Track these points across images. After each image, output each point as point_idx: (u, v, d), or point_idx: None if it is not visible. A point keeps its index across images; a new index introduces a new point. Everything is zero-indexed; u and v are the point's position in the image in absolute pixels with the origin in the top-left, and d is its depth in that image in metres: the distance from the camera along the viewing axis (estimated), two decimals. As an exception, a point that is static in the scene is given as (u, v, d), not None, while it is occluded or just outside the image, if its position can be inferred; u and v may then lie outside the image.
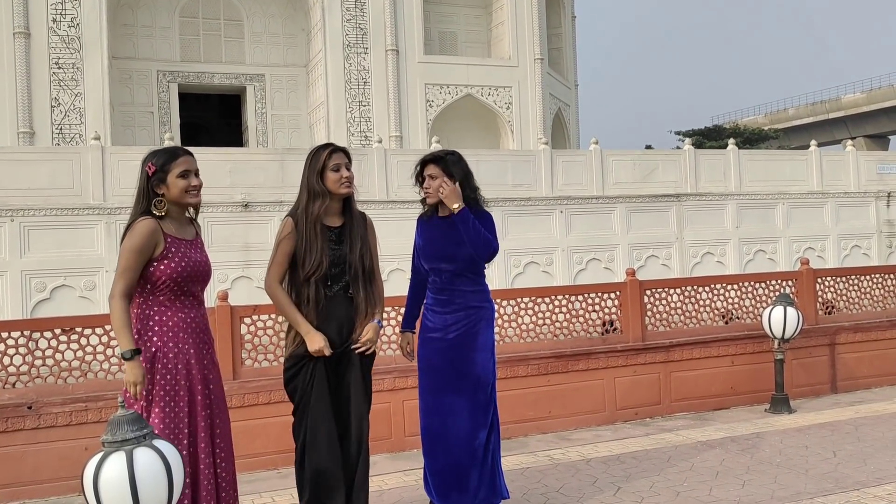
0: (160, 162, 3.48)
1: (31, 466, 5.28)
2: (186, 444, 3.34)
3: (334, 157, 3.91)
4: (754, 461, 5.37)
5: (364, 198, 11.92)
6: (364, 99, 18.44)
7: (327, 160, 3.89)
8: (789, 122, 56.20)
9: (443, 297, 4.15)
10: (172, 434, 3.30)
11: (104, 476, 2.56)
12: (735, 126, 49.97)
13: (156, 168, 3.47)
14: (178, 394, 3.35)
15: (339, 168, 3.89)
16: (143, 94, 18.72)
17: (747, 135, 44.26)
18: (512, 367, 6.47)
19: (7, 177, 10.78)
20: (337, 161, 3.90)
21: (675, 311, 7.26)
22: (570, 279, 13.33)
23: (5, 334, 5.44)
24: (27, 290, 10.56)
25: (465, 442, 4.07)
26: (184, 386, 3.37)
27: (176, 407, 3.34)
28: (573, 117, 23.77)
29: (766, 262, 14.92)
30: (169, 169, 3.48)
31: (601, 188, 14.11)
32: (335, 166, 3.89)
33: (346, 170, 3.92)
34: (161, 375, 3.32)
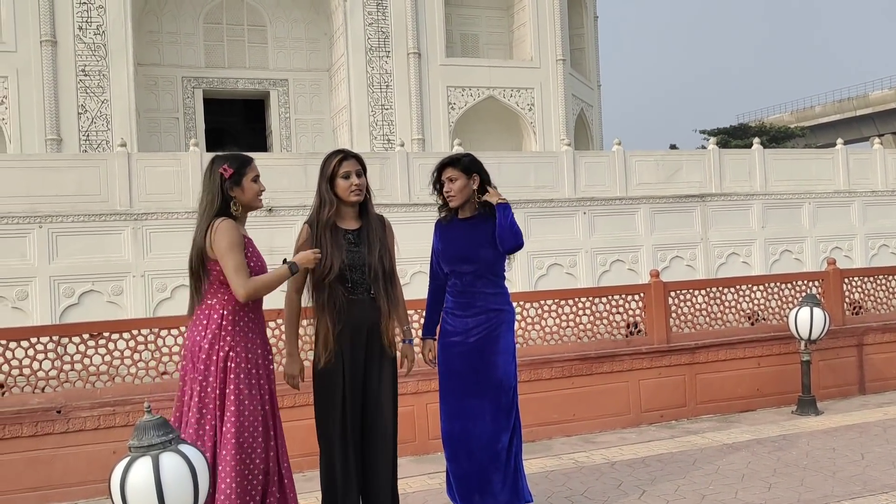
0: (236, 165, 3.57)
1: (61, 470, 5.36)
2: (262, 442, 3.45)
3: (345, 164, 3.91)
4: (781, 464, 5.32)
5: (386, 201, 12.03)
6: (386, 102, 18.50)
7: (337, 167, 3.90)
8: (816, 120, 55.52)
9: (463, 299, 4.15)
10: (248, 433, 3.42)
11: (131, 480, 2.60)
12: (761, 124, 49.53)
13: (232, 171, 3.54)
14: (253, 395, 3.46)
15: (349, 175, 3.90)
16: (168, 101, 18.92)
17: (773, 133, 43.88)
18: (535, 369, 6.46)
19: (35, 184, 10.94)
20: (347, 168, 3.90)
21: (700, 312, 7.21)
22: (594, 281, 13.27)
23: (35, 339, 5.53)
24: (56, 295, 10.71)
25: (488, 445, 4.08)
26: (254, 385, 3.48)
27: (251, 407, 3.45)
28: (596, 118, 23.68)
29: (793, 262, 14.76)
30: (244, 172, 3.59)
31: (624, 189, 14.04)
32: (345, 174, 3.90)
33: (357, 177, 3.91)
34: (235, 375, 3.42)
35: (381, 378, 3.96)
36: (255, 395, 3.49)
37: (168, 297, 11.09)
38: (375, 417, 3.94)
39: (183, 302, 11.36)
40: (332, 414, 3.87)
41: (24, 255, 10.70)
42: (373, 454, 3.94)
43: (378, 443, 3.94)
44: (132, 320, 6.67)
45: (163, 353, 5.73)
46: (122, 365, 5.66)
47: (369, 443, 3.94)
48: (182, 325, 5.80)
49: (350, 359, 3.87)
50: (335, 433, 3.86)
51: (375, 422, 3.94)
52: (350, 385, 3.87)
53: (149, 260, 11.11)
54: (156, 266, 11.08)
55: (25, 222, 10.71)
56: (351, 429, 3.87)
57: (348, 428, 3.87)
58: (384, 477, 3.97)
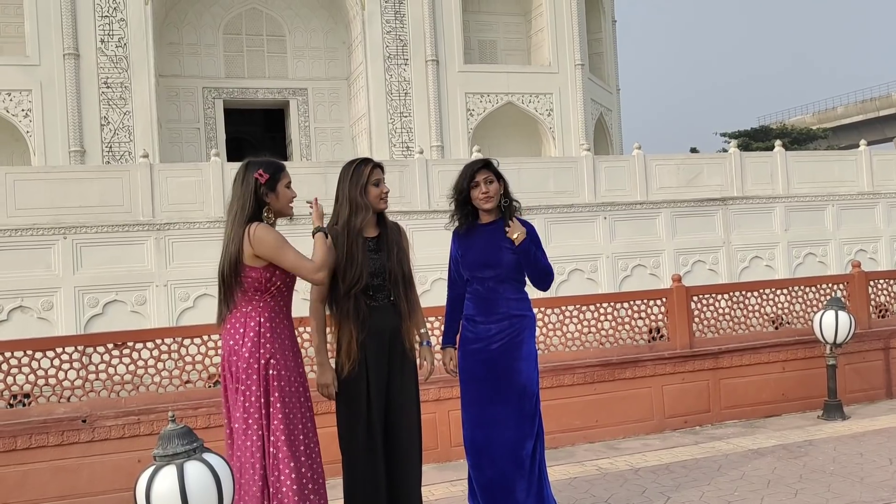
0: (271, 170, 3.56)
1: (86, 478, 5.40)
2: (304, 449, 3.46)
3: (375, 172, 3.95)
4: (807, 469, 5.26)
5: (406, 208, 12.05)
6: (405, 110, 18.55)
7: (371, 175, 3.93)
8: (838, 121, 55.01)
9: (485, 305, 4.13)
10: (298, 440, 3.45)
11: (156, 489, 2.62)
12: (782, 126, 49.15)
13: (268, 176, 3.53)
14: (297, 401, 3.49)
15: (379, 183, 3.94)
16: (189, 111, 19.09)
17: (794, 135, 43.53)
18: (558, 375, 6.43)
19: (60, 195, 11.07)
20: (377, 177, 3.95)
21: (724, 317, 7.16)
22: (616, 286, 13.21)
23: (60, 349, 5.59)
24: (80, 305, 10.82)
25: (512, 453, 4.06)
26: (295, 392, 3.50)
27: (298, 413, 3.48)
28: (615, 122, 23.60)
29: (817, 265, 14.62)
30: (279, 178, 3.59)
31: (645, 193, 13.97)
32: (376, 181, 3.94)
33: (385, 185, 3.97)
34: (278, 382, 3.43)
35: (404, 383, 3.97)
36: (300, 401, 3.52)
37: (191, 306, 11.17)
38: (400, 424, 3.94)
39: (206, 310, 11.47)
40: (357, 422, 3.87)
41: (49, 266, 10.82)
42: (399, 461, 3.94)
43: (404, 450, 3.94)
44: (155, 330, 6.72)
45: (186, 362, 5.77)
46: (146, 374, 5.71)
47: (394, 450, 3.94)
48: (205, 334, 5.84)
49: (374, 366, 3.87)
50: (360, 442, 3.86)
51: (400, 428, 3.94)
52: (374, 392, 3.88)
53: (171, 269, 11.20)
54: (178, 275, 11.16)
55: (50, 234, 10.84)
56: (376, 436, 3.87)
57: (374, 436, 3.87)
58: (411, 484, 3.96)
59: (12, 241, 10.71)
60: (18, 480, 5.29)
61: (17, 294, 10.62)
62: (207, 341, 5.83)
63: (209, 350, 5.81)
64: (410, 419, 3.97)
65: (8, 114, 15.99)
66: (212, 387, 5.81)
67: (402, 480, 3.95)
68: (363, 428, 3.86)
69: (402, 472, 3.95)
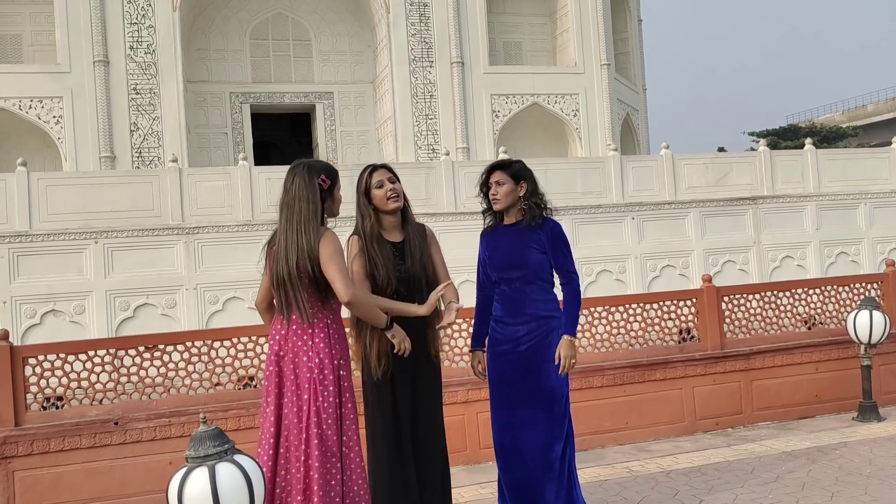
0: (332, 176, 3.58)
1: (119, 480, 5.46)
2: (357, 450, 3.51)
3: (375, 175, 3.96)
4: (843, 472, 5.17)
5: (432, 210, 12.05)
6: (430, 112, 18.56)
7: (369, 180, 3.95)
8: (868, 119, 54.17)
9: (513, 306, 4.10)
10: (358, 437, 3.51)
11: (188, 490, 2.63)
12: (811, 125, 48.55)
13: (330, 182, 3.55)
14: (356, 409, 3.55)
15: (381, 185, 3.93)
16: (217, 116, 19.25)
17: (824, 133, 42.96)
18: (587, 377, 6.39)
19: (91, 200, 11.21)
20: (379, 178, 3.95)
21: (755, 317, 7.07)
22: (644, 287, 13.10)
23: (92, 352, 5.65)
24: (112, 308, 10.94)
25: (542, 455, 4.02)
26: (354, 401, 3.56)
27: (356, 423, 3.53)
28: (642, 122, 23.44)
29: (849, 264, 14.39)
30: (336, 184, 3.62)
31: (673, 193, 13.85)
32: (378, 183, 3.94)
33: (390, 183, 3.94)
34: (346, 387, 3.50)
35: (430, 389, 3.98)
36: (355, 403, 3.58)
37: (220, 309, 11.25)
38: (428, 429, 3.95)
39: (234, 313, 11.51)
40: (385, 428, 3.87)
41: (80, 270, 10.96)
42: (427, 466, 3.94)
43: (432, 454, 3.95)
44: (186, 332, 6.78)
45: (216, 364, 5.81)
46: (177, 376, 5.75)
47: (422, 455, 3.94)
48: (234, 337, 5.88)
49: (400, 373, 3.87)
50: (389, 448, 3.86)
51: (427, 433, 3.94)
52: (400, 398, 3.88)
53: (201, 273, 11.29)
54: (208, 279, 11.25)
55: (82, 238, 10.97)
56: (404, 442, 3.87)
57: (402, 441, 3.87)
58: (439, 489, 3.96)
59: (45, 245, 10.86)
60: (52, 482, 5.36)
61: (49, 298, 10.76)
62: (237, 344, 5.86)
63: (238, 353, 5.85)
64: (437, 426, 3.97)
65: (40, 121, 16.23)
66: (241, 389, 5.84)
67: (431, 486, 3.95)
68: (391, 433, 3.86)
69: (431, 478, 3.95)
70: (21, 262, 10.76)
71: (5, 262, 10.67)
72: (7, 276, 10.68)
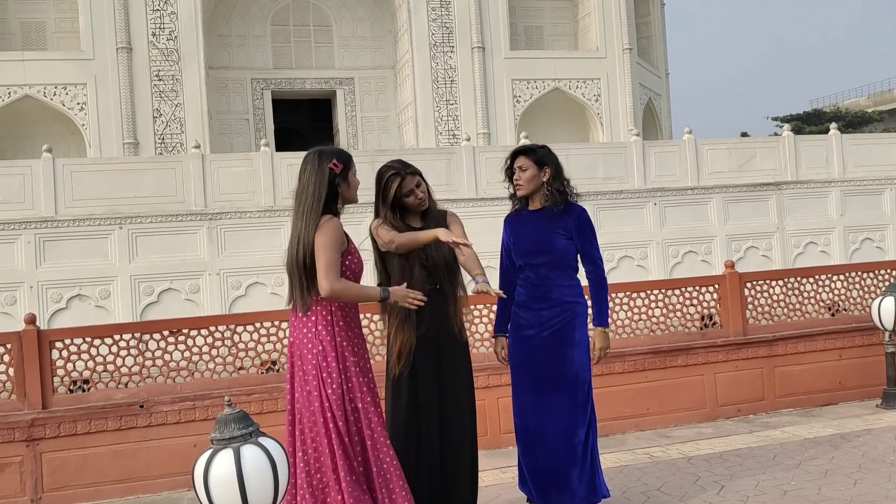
0: (344, 160, 3.56)
1: (144, 463, 5.54)
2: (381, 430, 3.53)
3: (404, 185, 3.94)
4: (866, 459, 5.14)
5: (453, 196, 12.05)
6: (451, 97, 18.51)
7: (398, 191, 3.93)
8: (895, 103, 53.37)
9: (538, 292, 4.10)
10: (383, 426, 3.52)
11: (213, 472, 2.67)
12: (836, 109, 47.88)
13: (342, 167, 3.53)
14: (372, 389, 3.53)
15: (411, 194, 3.95)
16: (238, 102, 19.33)
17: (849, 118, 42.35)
18: (608, 363, 6.37)
19: (115, 186, 11.32)
20: (409, 187, 3.94)
21: (778, 303, 7.02)
22: (666, 273, 13.04)
23: (118, 336, 5.72)
24: (136, 293, 11.07)
25: (565, 440, 4.03)
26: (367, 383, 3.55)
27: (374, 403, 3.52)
28: (665, 107, 23.25)
29: (874, 250, 14.23)
30: (351, 167, 3.59)
31: (696, 178, 13.75)
32: (407, 192, 3.94)
33: (417, 188, 3.96)
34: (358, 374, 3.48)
35: (457, 370, 4.00)
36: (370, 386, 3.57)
37: (242, 294, 11.34)
38: (453, 411, 3.98)
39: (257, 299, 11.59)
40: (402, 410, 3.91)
41: (105, 255, 11.09)
42: (451, 448, 3.97)
43: (457, 436, 3.97)
44: (209, 317, 6.84)
45: (239, 349, 5.86)
46: (201, 360, 5.81)
47: (447, 437, 3.96)
48: (257, 322, 5.93)
49: (422, 355, 3.90)
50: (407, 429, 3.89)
51: (453, 416, 3.97)
52: (422, 381, 3.91)
53: (223, 258, 11.38)
54: (230, 264, 11.34)
55: (107, 224, 11.10)
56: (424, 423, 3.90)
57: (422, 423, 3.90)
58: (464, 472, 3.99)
59: (70, 231, 10.99)
60: (79, 464, 5.45)
61: (75, 283, 10.91)
62: (259, 328, 5.91)
63: (261, 337, 5.90)
64: (462, 408, 4.00)
65: (64, 107, 16.38)
66: (264, 373, 5.90)
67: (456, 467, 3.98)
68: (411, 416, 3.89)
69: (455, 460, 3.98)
70: (47, 248, 10.90)
71: (32, 248, 10.82)
72: (34, 261, 10.83)
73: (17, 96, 16.23)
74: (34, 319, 5.64)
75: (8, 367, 5.49)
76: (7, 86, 16.13)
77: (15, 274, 10.76)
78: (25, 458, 5.37)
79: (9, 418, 5.37)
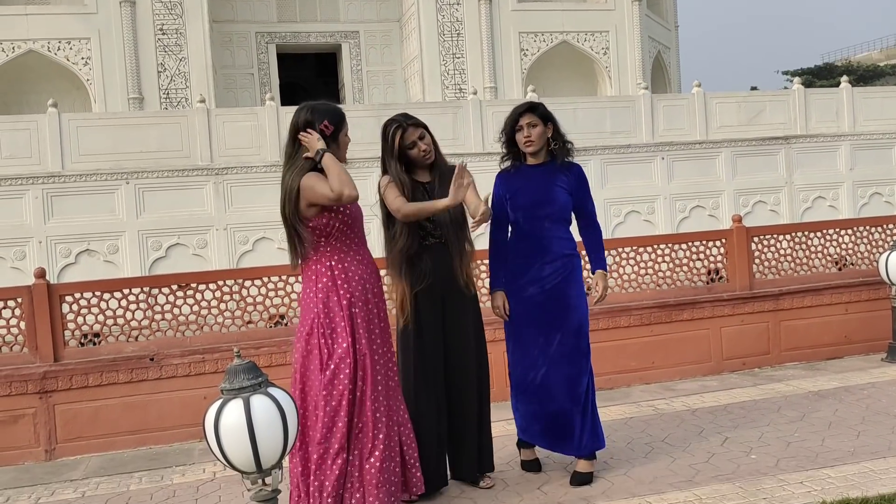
0: (335, 122, 3.56)
1: (156, 414, 5.62)
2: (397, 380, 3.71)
3: (407, 135, 3.92)
4: (870, 412, 5.18)
5: (460, 151, 11.97)
6: (458, 51, 18.29)
7: (401, 142, 3.92)
8: (908, 57, 52.55)
9: (538, 246, 4.15)
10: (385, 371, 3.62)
11: (224, 422, 2.71)
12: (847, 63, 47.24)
13: (333, 129, 3.55)
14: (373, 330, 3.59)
15: (414, 145, 3.93)
16: (243, 57, 19.14)
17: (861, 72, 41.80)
18: (613, 317, 6.42)
19: (121, 141, 11.29)
20: (411, 139, 3.92)
21: (785, 258, 7.02)
22: (673, 228, 13.01)
23: (127, 290, 5.77)
24: (144, 248, 11.11)
25: (570, 389, 4.12)
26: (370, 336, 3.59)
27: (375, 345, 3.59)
28: (674, 60, 22.94)
29: (883, 205, 14.14)
30: (341, 128, 3.60)
31: (704, 132, 13.63)
32: (410, 145, 3.93)
33: (421, 141, 3.93)
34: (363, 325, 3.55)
35: (464, 323, 4.03)
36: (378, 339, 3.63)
37: (250, 249, 11.37)
38: (458, 365, 4.02)
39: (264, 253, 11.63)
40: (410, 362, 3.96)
41: (113, 210, 11.10)
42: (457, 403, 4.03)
43: (463, 391, 4.02)
44: (217, 271, 6.88)
45: (247, 302, 5.90)
46: (210, 315, 5.86)
47: (453, 391, 4.02)
48: (265, 276, 5.97)
49: (427, 307, 3.93)
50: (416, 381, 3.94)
51: (458, 370, 4.02)
52: (427, 332, 3.94)
53: (230, 213, 11.38)
54: (237, 219, 11.35)
55: (113, 179, 11.09)
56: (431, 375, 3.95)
57: (429, 375, 3.95)
58: (471, 427, 4.04)
59: (77, 186, 11.00)
60: (92, 416, 5.53)
61: (83, 238, 10.94)
62: (267, 283, 5.95)
63: (269, 292, 5.94)
64: (469, 358, 4.04)
65: (68, 62, 16.25)
66: (272, 327, 5.95)
67: (462, 418, 4.04)
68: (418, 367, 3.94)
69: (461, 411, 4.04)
70: (55, 203, 10.92)
71: (39, 203, 10.84)
72: (42, 216, 10.86)
73: (20, 51, 16.09)
74: (44, 273, 5.68)
75: (19, 321, 5.55)
76: (10, 41, 15.98)
77: (24, 229, 10.80)
78: (39, 409, 5.46)
79: (21, 371, 5.45)
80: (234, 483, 4.52)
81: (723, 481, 4.06)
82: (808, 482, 3.97)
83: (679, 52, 23.57)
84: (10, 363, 5.50)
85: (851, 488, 3.83)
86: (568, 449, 4.18)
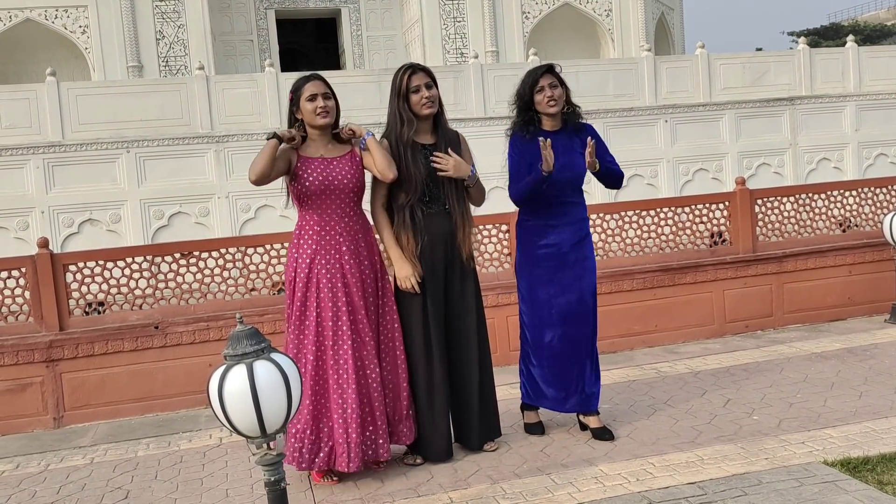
0: (293, 88, 3.86)
1: (161, 382, 5.66)
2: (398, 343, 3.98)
3: (413, 78, 3.92)
4: (872, 372, 5.20)
5: (461, 115, 11.89)
6: (458, 14, 18.08)
7: (408, 83, 3.91)
8: (916, 15, 51.92)
9: (560, 210, 4.23)
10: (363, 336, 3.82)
11: (228, 387, 2.72)
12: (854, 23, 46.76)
13: (292, 95, 3.85)
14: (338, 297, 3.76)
15: (418, 90, 3.91)
16: (242, 23, 18.95)
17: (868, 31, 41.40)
18: (616, 281, 6.42)
19: (121, 109, 11.22)
20: (417, 83, 3.91)
21: (789, 220, 7.00)
22: (676, 191, 12.95)
23: (130, 259, 5.78)
24: (146, 217, 11.10)
25: (589, 346, 4.31)
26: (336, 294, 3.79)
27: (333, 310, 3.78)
28: (677, 21, 22.67)
29: (889, 165, 14.05)
30: (300, 94, 3.83)
31: (708, 94, 13.51)
32: (415, 88, 3.91)
33: (427, 89, 3.91)
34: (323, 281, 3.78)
35: (464, 290, 4.04)
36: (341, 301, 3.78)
37: (252, 217, 11.36)
38: (459, 328, 4.04)
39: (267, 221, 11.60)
40: (413, 327, 3.96)
41: (114, 179, 11.08)
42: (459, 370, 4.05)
43: (464, 359, 4.05)
44: (220, 239, 6.88)
45: (250, 270, 5.91)
46: (213, 282, 5.88)
47: (456, 359, 4.04)
48: (267, 244, 5.99)
49: (430, 273, 3.94)
50: (418, 347, 3.96)
51: (459, 333, 4.03)
52: (430, 299, 3.95)
53: (232, 181, 11.35)
54: (239, 187, 11.30)
55: (114, 147, 11.05)
56: (433, 342, 3.96)
57: (431, 341, 3.96)
58: (472, 387, 4.07)
59: (78, 155, 10.96)
60: (98, 383, 5.58)
61: (86, 207, 10.93)
62: (270, 250, 5.95)
63: (272, 259, 5.94)
64: (469, 326, 4.06)
65: (66, 31, 16.11)
66: (276, 294, 5.96)
67: (462, 384, 4.06)
68: (420, 332, 3.95)
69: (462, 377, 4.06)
70: (56, 172, 10.89)
71: (41, 173, 10.81)
72: (43, 186, 10.84)
73: (17, 20, 15.94)
74: (47, 243, 5.68)
75: (24, 291, 5.57)
76: (7, 9, 15.83)
77: (26, 199, 10.79)
78: (46, 378, 5.50)
79: (27, 340, 5.48)
80: (241, 448, 4.57)
81: (725, 442, 4.09)
82: (810, 442, 3.99)
83: (683, 14, 23.28)
84: (16, 332, 5.53)
85: (853, 448, 3.85)
86: (584, 406, 4.30)
